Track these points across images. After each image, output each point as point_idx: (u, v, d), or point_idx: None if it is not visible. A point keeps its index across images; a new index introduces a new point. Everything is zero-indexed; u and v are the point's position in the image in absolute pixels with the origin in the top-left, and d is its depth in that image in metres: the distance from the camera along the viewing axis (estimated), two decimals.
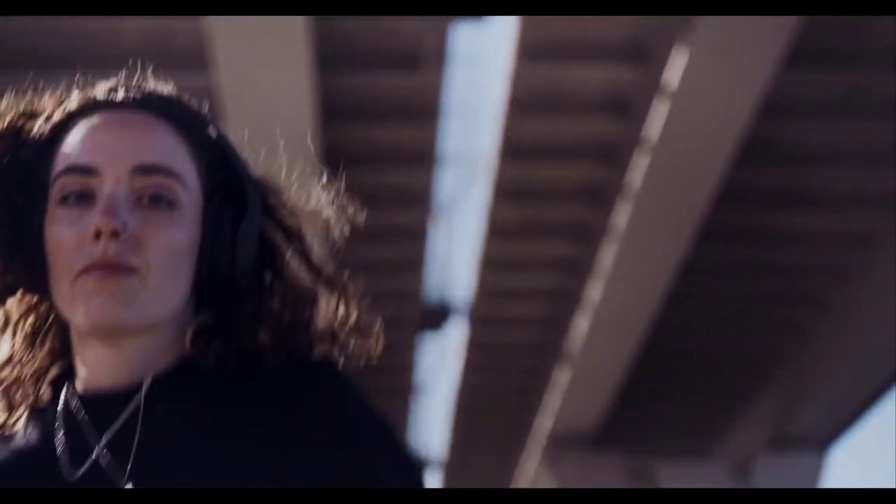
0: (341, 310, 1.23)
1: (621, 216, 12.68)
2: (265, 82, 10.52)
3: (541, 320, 16.38)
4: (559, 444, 18.03)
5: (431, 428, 20.17)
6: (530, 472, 19.21)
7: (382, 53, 11.50)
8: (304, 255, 1.21)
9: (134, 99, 1.18)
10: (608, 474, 18.03)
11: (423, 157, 13.09)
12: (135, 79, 1.22)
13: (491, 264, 15.21)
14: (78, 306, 1.10)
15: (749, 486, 18.07)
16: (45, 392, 1.17)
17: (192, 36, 10.65)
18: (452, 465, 20.79)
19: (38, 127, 1.18)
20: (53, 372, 1.18)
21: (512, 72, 11.96)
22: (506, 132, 12.82)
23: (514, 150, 13.05)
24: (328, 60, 11.13)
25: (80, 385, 1.15)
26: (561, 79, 12.08)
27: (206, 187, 1.17)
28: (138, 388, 1.12)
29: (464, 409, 18.78)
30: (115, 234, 1.09)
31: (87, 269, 1.09)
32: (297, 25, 9.86)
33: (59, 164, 1.15)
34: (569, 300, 15.48)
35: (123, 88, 1.19)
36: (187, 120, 1.18)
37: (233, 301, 1.16)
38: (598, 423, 17.60)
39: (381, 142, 12.73)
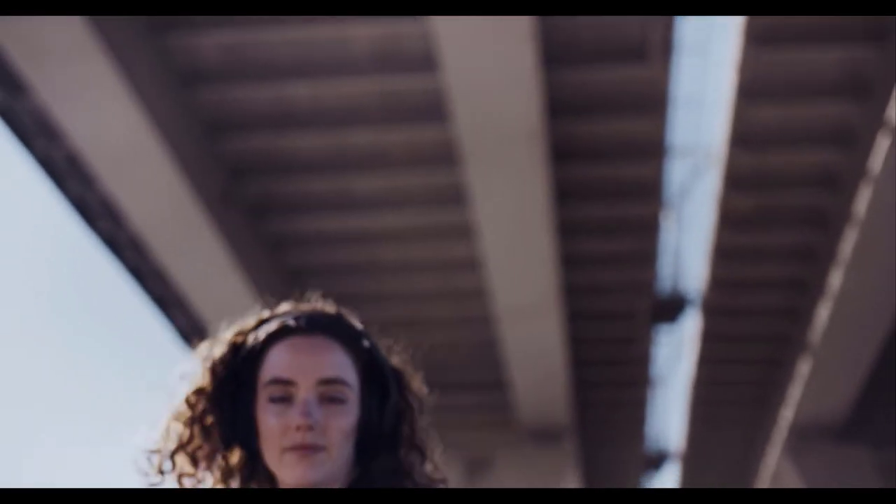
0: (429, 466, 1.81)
1: (861, 202, 12.26)
2: (492, 81, 10.70)
3: (778, 310, 16.01)
4: (802, 436, 17.56)
5: (669, 420, 20.03)
6: (772, 466, 18.77)
7: (608, 47, 11.51)
8: (415, 424, 1.81)
9: (314, 326, 1.76)
10: (855, 468, 17.45)
11: (653, 149, 13.02)
12: (311, 307, 1.80)
13: (724, 254, 14.98)
14: (285, 470, 1.70)
15: None
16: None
17: (419, 39, 10.95)
18: (691, 458, 20.54)
19: (249, 343, 1.77)
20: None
21: (739, 59, 11.75)
22: (735, 120, 12.61)
23: (744, 138, 12.82)
24: (553, 56, 11.23)
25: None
26: (791, 63, 11.79)
27: (362, 381, 1.76)
28: None
29: (701, 401, 18.54)
30: (309, 427, 1.68)
31: (292, 449, 1.69)
32: (521, 23, 10.00)
33: (267, 374, 1.73)
34: (807, 289, 15.08)
35: (306, 318, 1.76)
36: (351, 337, 1.77)
37: (376, 453, 1.77)
38: (843, 415, 17.05)
39: (610, 135, 12.74)
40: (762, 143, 12.87)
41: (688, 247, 15.77)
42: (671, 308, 15.86)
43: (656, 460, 20.20)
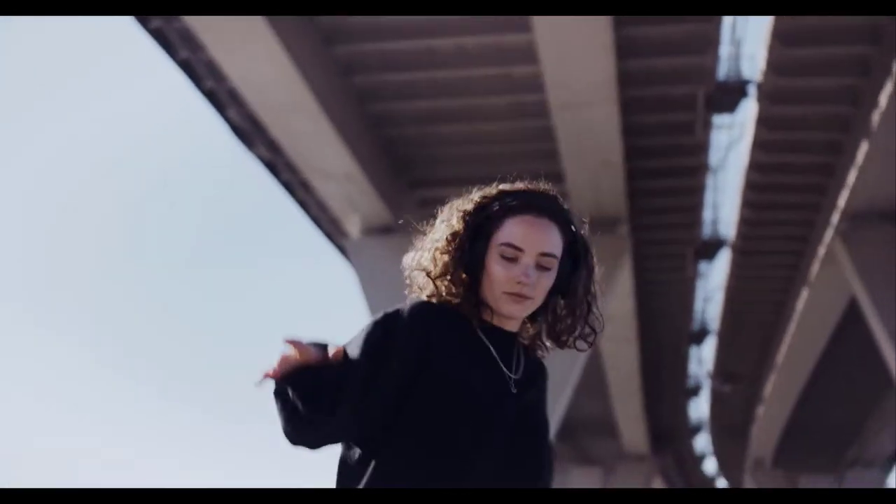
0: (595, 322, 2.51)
1: None
2: None
3: (838, 93, 15.77)
4: (857, 221, 17.56)
5: (725, 208, 20.05)
6: (825, 250, 18.85)
7: None
8: (590, 292, 2.47)
9: (544, 209, 2.38)
10: None
11: None
12: (543, 191, 2.39)
13: (784, 37, 14.67)
14: (504, 306, 2.38)
15: None
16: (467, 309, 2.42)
17: None
18: (745, 245, 20.64)
19: (494, 208, 2.40)
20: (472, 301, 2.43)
21: None
22: None
23: None
24: None
25: (490, 321, 2.42)
26: None
27: (563, 252, 2.40)
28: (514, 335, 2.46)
29: (756, 187, 18.50)
30: (527, 284, 2.35)
31: (512, 294, 2.36)
32: None
33: (503, 237, 2.37)
34: (869, 71, 14.81)
35: (539, 201, 2.39)
36: (565, 221, 2.40)
37: (551, 304, 2.46)
38: None
39: None
40: None
41: (747, 30, 15.44)
42: (730, 94, 15.66)
43: (711, 247, 20.33)
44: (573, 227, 2.41)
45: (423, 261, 2.45)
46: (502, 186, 2.43)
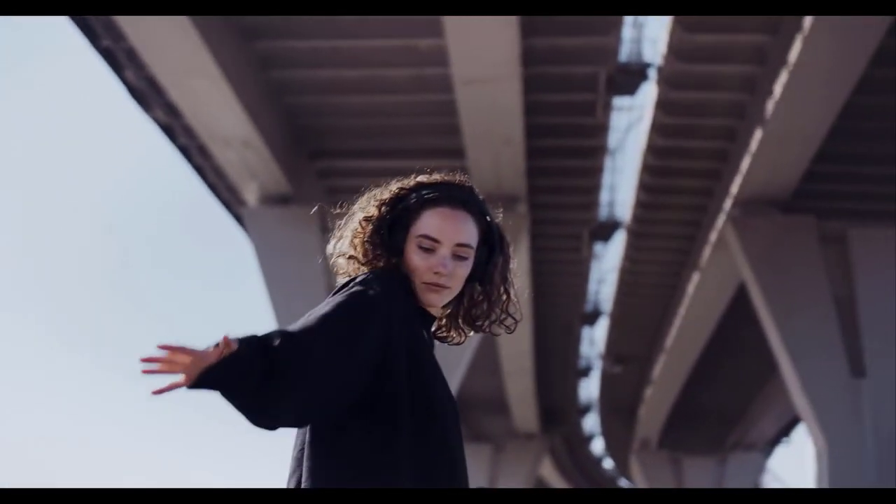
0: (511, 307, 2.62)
1: None
2: None
3: (736, 81, 16.04)
4: (749, 207, 17.93)
5: (621, 190, 20.28)
6: (716, 237, 19.21)
7: None
8: (507, 279, 2.57)
9: (460, 201, 2.48)
10: (799, 238, 17.93)
11: None
12: (459, 183, 2.52)
13: (685, 23, 14.87)
14: (421, 295, 2.47)
15: None
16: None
17: None
18: (639, 227, 20.93)
19: (411, 199, 2.49)
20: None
21: None
22: None
23: None
24: None
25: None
26: None
27: (479, 242, 2.50)
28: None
29: (653, 170, 18.75)
30: (444, 274, 2.45)
31: (430, 284, 2.46)
32: None
33: (420, 227, 2.46)
34: (766, 60, 15.09)
35: (456, 192, 2.49)
36: (480, 212, 2.50)
37: (468, 291, 2.56)
38: (790, 187, 17.39)
39: None
40: None
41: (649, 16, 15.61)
42: (630, 76, 15.82)
43: (607, 229, 20.56)
44: (488, 218, 2.52)
45: (345, 247, 2.53)
46: (420, 178, 2.53)
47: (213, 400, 2.16)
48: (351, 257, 2.51)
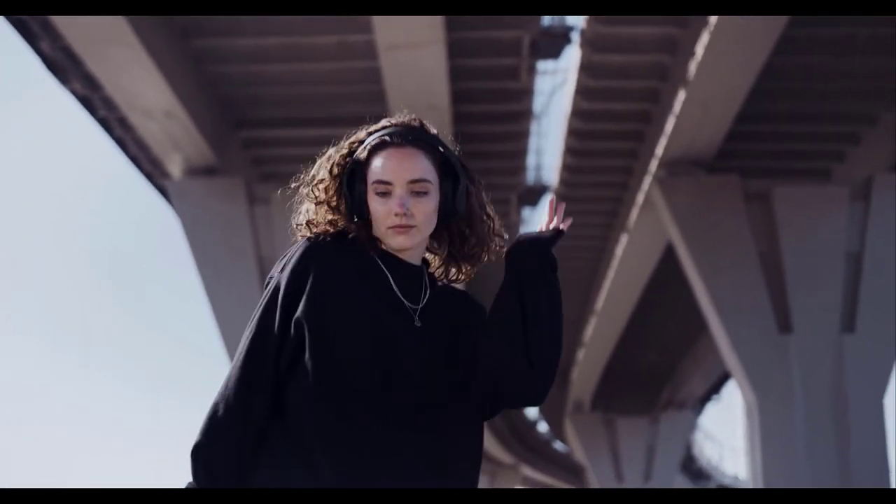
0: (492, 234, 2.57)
1: None
2: None
3: (657, 42, 16.12)
4: (673, 168, 18.08)
5: (548, 154, 20.35)
6: (643, 198, 19.36)
7: None
8: (483, 205, 2.56)
9: (405, 138, 2.45)
10: (724, 197, 18.13)
11: None
12: (404, 122, 2.50)
13: None
14: (390, 240, 2.44)
15: (868, 209, 18.03)
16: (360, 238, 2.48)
17: None
18: (567, 190, 21.01)
19: (360, 152, 2.47)
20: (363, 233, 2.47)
21: None
22: None
23: None
24: None
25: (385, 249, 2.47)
26: None
27: (440, 175, 2.47)
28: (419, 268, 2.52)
29: (578, 134, 18.82)
30: (403, 214, 2.39)
31: (393, 227, 2.42)
32: None
33: (373, 175, 2.44)
34: (687, 21, 15.18)
35: (399, 132, 2.46)
36: (430, 144, 2.48)
37: (453, 228, 2.54)
38: (714, 147, 17.55)
39: None
40: None
41: None
42: (554, 40, 15.83)
43: (535, 193, 20.63)
44: (441, 149, 2.48)
45: (309, 215, 2.50)
46: (368, 128, 2.51)
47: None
48: (309, 222, 2.48)
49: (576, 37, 16.01)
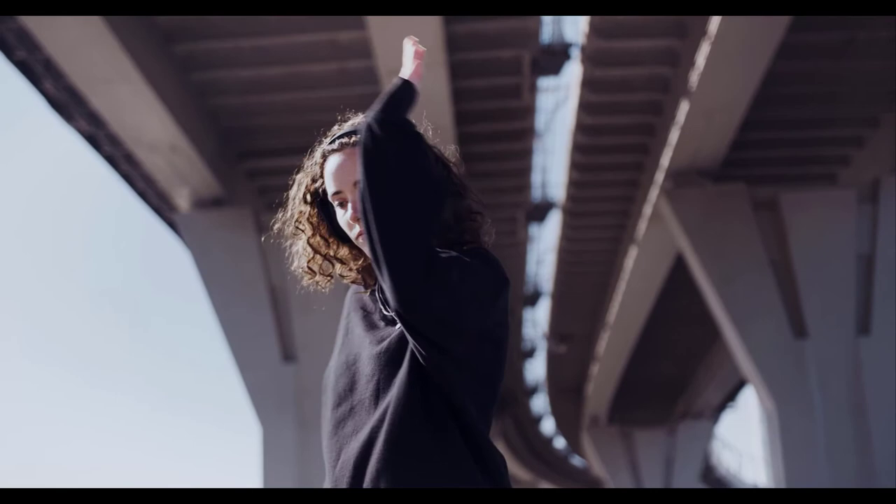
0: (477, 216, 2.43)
1: None
2: None
3: (658, 54, 16.13)
4: (680, 179, 18.06)
5: (551, 170, 20.35)
6: (651, 210, 19.34)
7: None
8: (462, 192, 2.44)
9: (342, 143, 2.39)
10: (732, 205, 18.10)
11: None
12: (349, 125, 2.45)
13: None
14: (361, 245, 2.35)
15: (876, 211, 18.00)
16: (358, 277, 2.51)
17: None
18: (573, 208, 21.02)
19: (318, 171, 2.45)
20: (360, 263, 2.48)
21: None
22: None
23: None
24: None
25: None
26: None
27: None
28: None
29: (582, 148, 18.83)
30: (359, 220, 2.26)
31: (358, 236, 2.34)
32: None
33: (329, 189, 2.40)
34: (687, 33, 15.19)
35: (335, 139, 2.40)
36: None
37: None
38: (719, 156, 17.53)
39: None
40: None
41: None
42: (554, 57, 15.85)
43: (541, 210, 20.63)
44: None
45: (302, 260, 2.50)
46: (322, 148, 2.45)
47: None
48: (309, 271, 2.50)
49: (576, 53, 16.03)
